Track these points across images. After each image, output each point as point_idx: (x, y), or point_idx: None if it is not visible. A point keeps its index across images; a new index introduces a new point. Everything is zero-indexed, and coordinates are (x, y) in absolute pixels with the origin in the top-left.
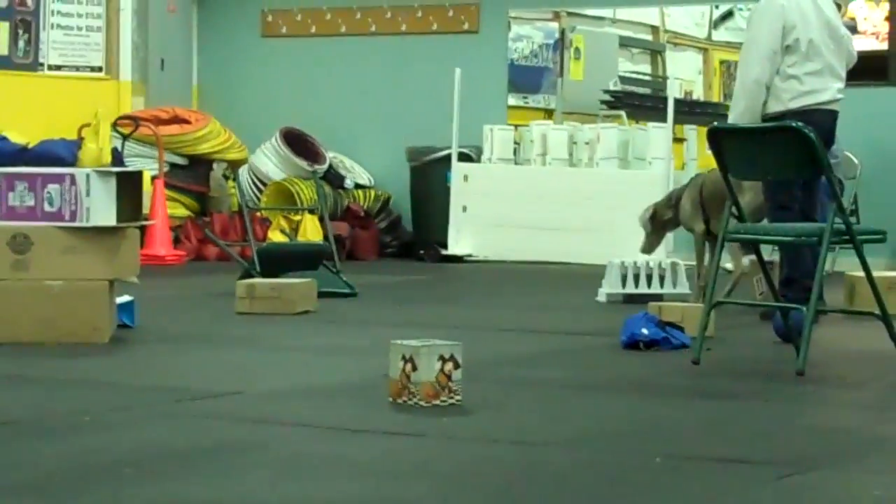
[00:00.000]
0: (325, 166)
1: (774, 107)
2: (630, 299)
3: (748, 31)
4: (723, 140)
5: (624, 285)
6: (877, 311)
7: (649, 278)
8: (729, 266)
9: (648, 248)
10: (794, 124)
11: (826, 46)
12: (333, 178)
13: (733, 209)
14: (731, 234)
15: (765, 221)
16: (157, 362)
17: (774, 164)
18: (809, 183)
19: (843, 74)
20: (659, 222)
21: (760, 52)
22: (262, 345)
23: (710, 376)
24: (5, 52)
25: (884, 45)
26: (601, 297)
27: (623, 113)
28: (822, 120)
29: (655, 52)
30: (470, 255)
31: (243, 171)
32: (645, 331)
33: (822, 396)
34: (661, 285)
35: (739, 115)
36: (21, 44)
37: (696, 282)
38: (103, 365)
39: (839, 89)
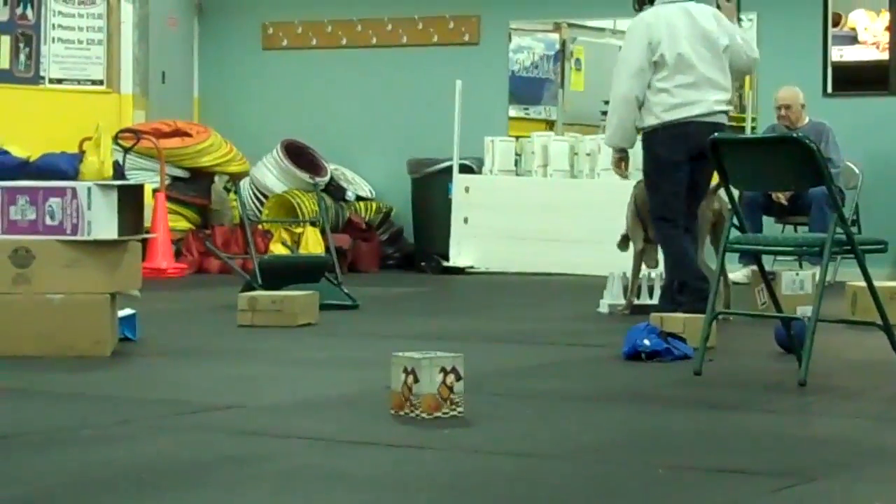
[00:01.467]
0: (327, 178)
1: (649, 120)
2: (635, 310)
3: (621, 50)
4: (724, 151)
5: (626, 296)
6: (879, 321)
7: (651, 289)
8: (731, 276)
9: (652, 261)
10: (795, 135)
11: (700, 58)
12: (335, 190)
13: (734, 220)
14: (732, 244)
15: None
16: (158, 376)
17: (775, 175)
18: (698, 196)
19: (727, 83)
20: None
21: (629, 69)
22: (264, 358)
23: (712, 387)
24: (6, 65)
25: (884, 55)
26: (603, 309)
27: None
28: (699, 132)
29: None
30: (471, 267)
31: (244, 184)
32: (647, 342)
33: (824, 407)
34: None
35: (612, 130)
36: (22, 57)
37: (629, 296)
38: (105, 378)
39: (718, 100)
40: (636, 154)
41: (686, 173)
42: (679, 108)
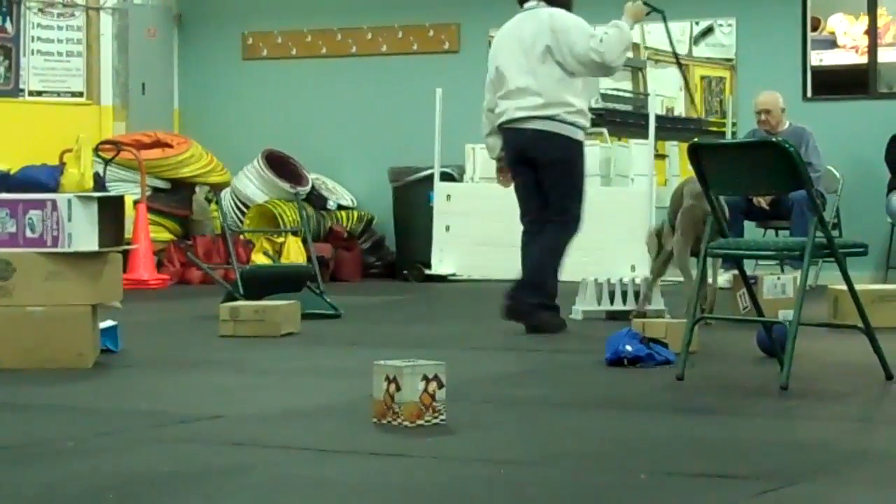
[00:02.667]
0: (308, 188)
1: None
2: (611, 316)
3: None
4: (704, 156)
5: (600, 302)
6: (860, 325)
7: (625, 295)
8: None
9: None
10: (775, 139)
11: (515, 68)
12: (316, 199)
13: (715, 224)
14: (713, 248)
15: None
16: (140, 387)
17: (756, 180)
18: (549, 201)
19: (542, 87)
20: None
21: (485, 82)
22: (247, 368)
23: (695, 392)
24: None
25: (863, 59)
26: (576, 315)
27: (605, 130)
28: (511, 138)
29: (636, 69)
30: (453, 275)
31: (226, 194)
32: (629, 347)
33: (806, 410)
34: (636, 302)
35: (483, 138)
36: (1, 70)
37: (642, 300)
38: (86, 390)
39: (521, 106)
40: (629, 159)
41: (525, 177)
42: (500, 116)
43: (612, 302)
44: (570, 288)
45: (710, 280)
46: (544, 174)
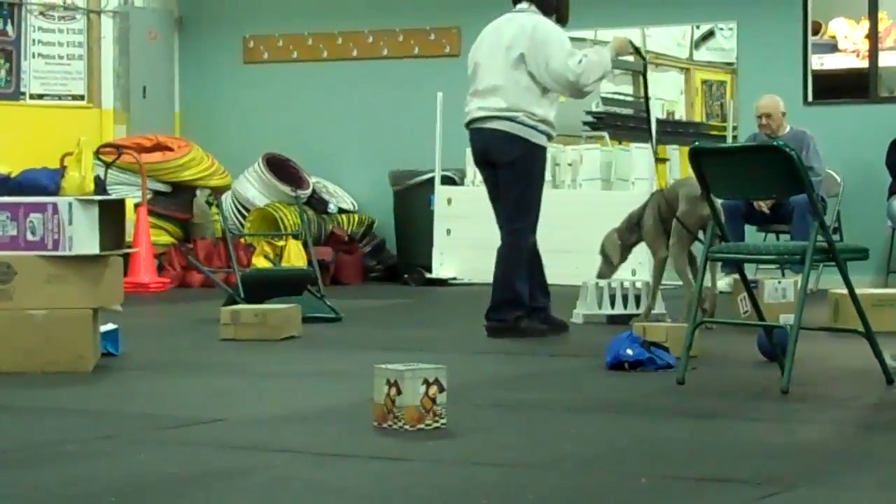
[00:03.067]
0: (309, 191)
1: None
2: (612, 320)
3: None
4: (704, 160)
5: (600, 306)
6: (861, 329)
7: (625, 299)
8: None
9: (608, 273)
10: (775, 143)
11: (490, 66)
12: (317, 203)
13: (716, 228)
14: (714, 253)
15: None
16: (141, 390)
17: (756, 184)
18: (503, 204)
19: (510, 90)
20: (623, 246)
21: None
22: (247, 371)
23: (695, 396)
24: None
25: (864, 63)
26: (577, 319)
27: (605, 134)
28: (473, 139)
29: (637, 73)
30: (454, 279)
31: (226, 198)
32: (629, 351)
33: (807, 414)
34: (638, 306)
35: None
36: (2, 73)
37: (649, 304)
38: (87, 393)
39: (482, 107)
40: (630, 162)
41: (491, 178)
42: (466, 115)
43: (612, 306)
44: (572, 292)
45: (708, 284)
46: (501, 175)
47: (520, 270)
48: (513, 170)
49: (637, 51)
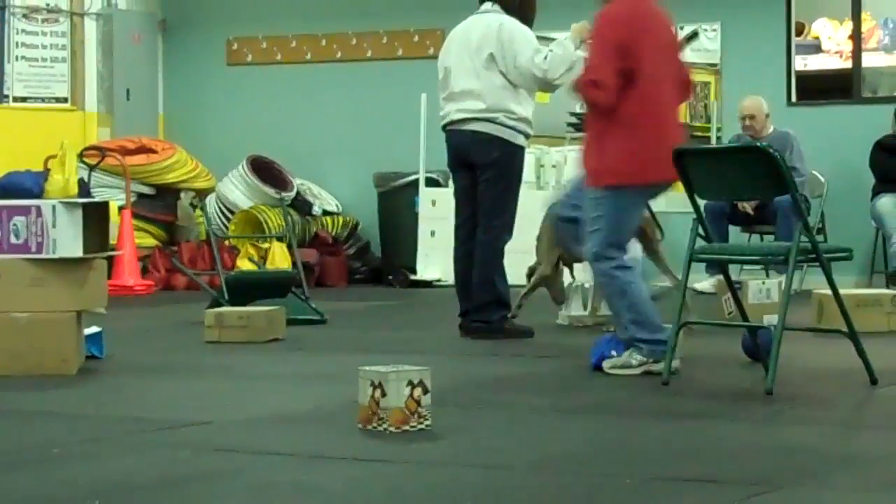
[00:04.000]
0: (293, 193)
1: None
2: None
3: None
4: (688, 161)
5: (586, 308)
6: (845, 329)
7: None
8: (698, 286)
9: (561, 294)
10: (758, 144)
11: (462, 69)
12: (301, 205)
13: (700, 230)
14: (698, 254)
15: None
16: (125, 393)
17: (740, 185)
18: (481, 206)
19: (483, 91)
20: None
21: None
22: (232, 373)
23: (679, 396)
24: None
25: (848, 64)
26: (563, 321)
27: None
28: (451, 140)
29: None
30: (439, 280)
31: (211, 200)
32: (614, 353)
33: (791, 415)
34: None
35: None
36: None
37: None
38: (71, 397)
39: (460, 108)
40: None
41: (465, 181)
42: (442, 119)
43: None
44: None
45: (667, 283)
46: (480, 176)
47: (499, 270)
48: (493, 171)
49: None
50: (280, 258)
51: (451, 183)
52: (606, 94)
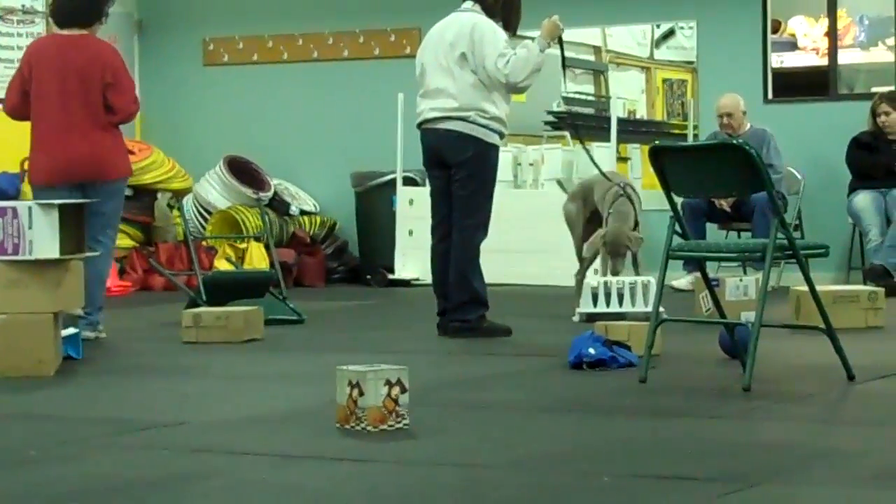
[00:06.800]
0: (270, 194)
1: None
2: (603, 318)
3: None
4: (664, 159)
5: (595, 304)
6: (822, 326)
7: (621, 297)
8: (675, 284)
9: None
10: (735, 142)
11: (437, 68)
12: (278, 205)
13: (676, 227)
14: (676, 251)
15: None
16: (103, 394)
17: (716, 182)
18: (456, 206)
19: (457, 90)
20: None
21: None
22: (209, 374)
23: (657, 394)
24: None
25: (824, 61)
26: (576, 318)
27: (567, 133)
28: (425, 139)
29: (598, 72)
30: (417, 279)
31: (188, 201)
32: (592, 350)
33: (769, 411)
34: (633, 303)
35: None
36: None
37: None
38: (49, 398)
39: (434, 107)
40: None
41: (440, 180)
42: (417, 117)
43: (608, 304)
44: (537, 292)
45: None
46: (454, 175)
47: (475, 269)
48: (466, 169)
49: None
50: (258, 258)
51: (428, 182)
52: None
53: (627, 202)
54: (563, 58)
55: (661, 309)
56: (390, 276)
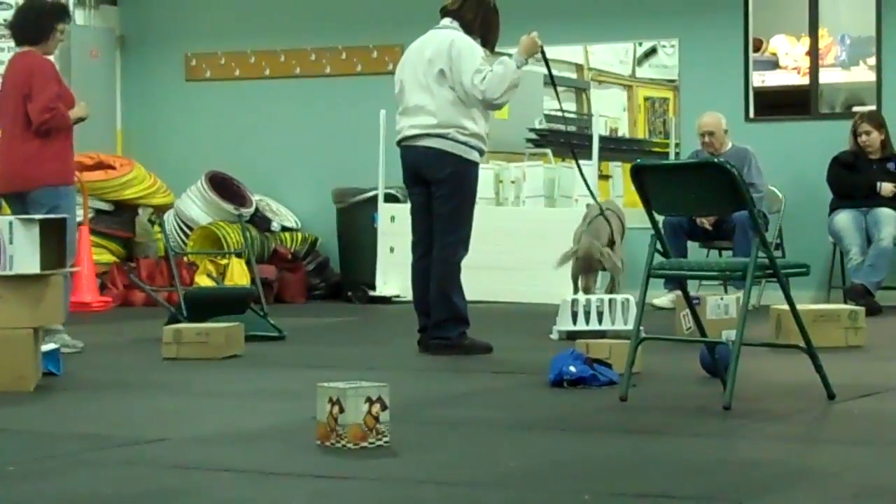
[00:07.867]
0: (252, 210)
1: None
2: (584, 336)
3: None
4: (646, 177)
5: (575, 322)
6: (802, 345)
7: (600, 315)
8: (656, 302)
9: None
10: (716, 160)
11: (416, 84)
12: (260, 221)
13: (658, 245)
14: (657, 270)
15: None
16: (82, 410)
17: (697, 200)
18: (436, 224)
19: (436, 107)
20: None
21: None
22: (190, 390)
23: (638, 412)
24: None
25: (805, 80)
26: (554, 335)
27: (549, 151)
28: (405, 157)
29: (580, 90)
30: (398, 296)
31: (169, 216)
32: (572, 368)
33: (749, 430)
34: (613, 322)
35: None
36: None
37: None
38: (28, 413)
39: (414, 125)
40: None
41: (420, 197)
42: (397, 134)
43: (587, 322)
44: (517, 310)
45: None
46: (434, 192)
47: (455, 286)
48: (445, 186)
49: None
50: (239, 274)
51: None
52: None
53: (603, 220)
54: (551, 75)
55: (641, 327)
56: (371, 293)
